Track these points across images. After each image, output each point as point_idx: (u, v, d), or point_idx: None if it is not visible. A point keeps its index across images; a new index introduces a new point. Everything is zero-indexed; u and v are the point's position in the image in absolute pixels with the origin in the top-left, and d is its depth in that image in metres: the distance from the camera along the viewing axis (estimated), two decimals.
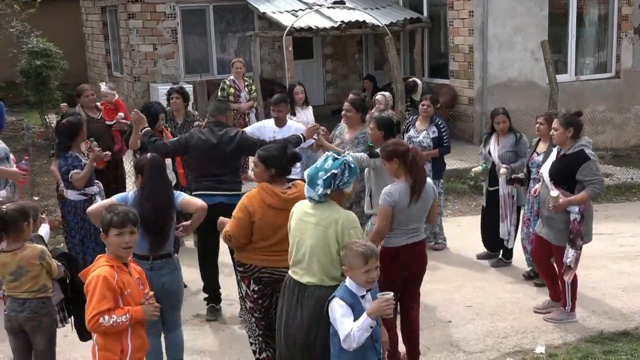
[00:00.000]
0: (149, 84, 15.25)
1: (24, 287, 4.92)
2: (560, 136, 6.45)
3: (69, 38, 18.05)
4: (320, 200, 4.45)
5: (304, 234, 4.46)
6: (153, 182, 5.21)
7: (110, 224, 4.20)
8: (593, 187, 6.31)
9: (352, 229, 4.41)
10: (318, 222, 4.42)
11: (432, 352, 6.07)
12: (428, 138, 8.32)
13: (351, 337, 3.99)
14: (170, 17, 15.42)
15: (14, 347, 5.09)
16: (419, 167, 5.40)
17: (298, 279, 4.48)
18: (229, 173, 6.59)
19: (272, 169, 5.13)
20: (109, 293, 4.07)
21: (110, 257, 4.24)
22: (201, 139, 6.59)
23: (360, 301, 4.12)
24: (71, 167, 6.90)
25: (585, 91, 13.93)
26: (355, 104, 7.46)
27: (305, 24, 13.77)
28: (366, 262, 4.06)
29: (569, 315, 6.65)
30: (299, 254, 4.48)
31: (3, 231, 4.92)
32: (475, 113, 13.36)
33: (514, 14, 13.26)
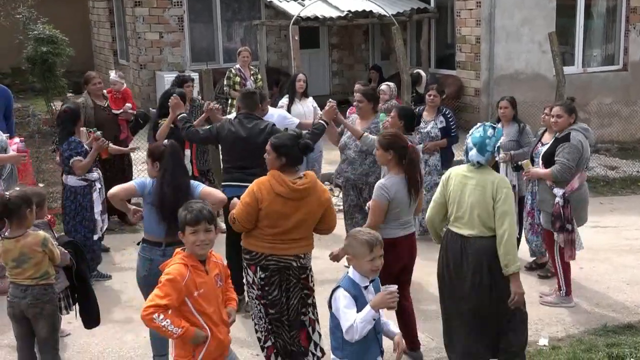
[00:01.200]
0: (155, 72, 15.23)
1: (27, 274, 4.94)
2: (564, 123, 6.64)
3: (75, 25, 18.02)
4: (483, 164, 4.99)
5: (464, 193, 5.03)
6: (173, 167, 5.21)
7: (185, 222, 4.15)
8: (556, 167, 6.49)
9: (504, 188, 4.97)
10: (477, 183, 4.99)
11: (435, 343, 6.07)
12: (436, 128, 8.34)
13: (354, 329, 3.97)
14: (177, 5, 15.39)
15: (17, 334, 5.12)
16: (415, 165, 5.43)
17: (460, 232, 5.04)
18: (258, 166, 6.50)
19: (282, 158, 5.13)
20: (173, 293, 4.02)
21: (188, 254, 4.18)
22: (231, 131, 6.57)
23: (363, 292, 4.10)
24: (74, 153, 6.92)
25: (592, 83, 13.87)
26: (367, 94, 7.43)
27: (311, 13, 13.74)
28: (371, 250, 4.05)
29: (564, 300, 6.73)
30: (460, 211, 5.05)
31: (6, 218, 4.94)
32: (482, 104, 13.33)
33: (522, 5, 13.20)
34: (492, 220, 4.92)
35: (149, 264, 5.19)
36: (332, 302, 4.12)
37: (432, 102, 8.44)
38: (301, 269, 5.24)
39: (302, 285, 5.28)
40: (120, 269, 7.75)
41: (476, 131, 5.08)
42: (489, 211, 4.93)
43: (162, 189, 5.13)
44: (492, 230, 4.94)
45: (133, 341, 6.17)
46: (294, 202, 5.02)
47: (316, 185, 5.15)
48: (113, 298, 6.99)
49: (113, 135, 8.38)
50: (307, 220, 5.14)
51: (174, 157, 5.26)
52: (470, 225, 5.00)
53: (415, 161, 5.48)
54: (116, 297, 7.05)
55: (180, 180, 5.19)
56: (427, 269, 7.73)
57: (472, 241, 5.00)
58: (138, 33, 15.25)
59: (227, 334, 4.31)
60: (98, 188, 7.24)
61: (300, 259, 5.21)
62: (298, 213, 5.07)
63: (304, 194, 5.06)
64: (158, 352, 5.45)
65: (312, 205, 5.11)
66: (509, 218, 4.89)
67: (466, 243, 5.03)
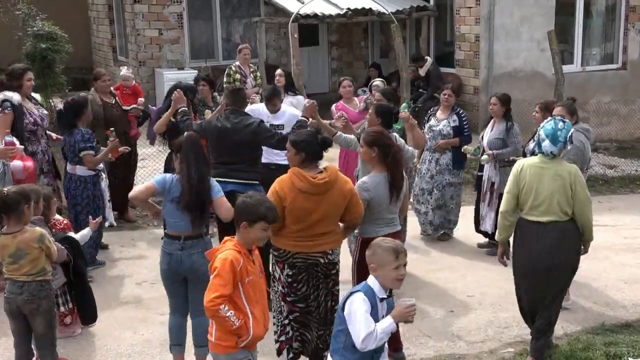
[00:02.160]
0: (154, 69, 15.22)
1: (23, 270, 4.94)
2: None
3: (75, 22, 17.97)
4: (556, 155, 5.33)
5: (542, 183, 5.34)
6: (195, 158, 5.20)
7: (264, 218, 4.22)
8: None
9: (579, 177, 5.39)
10: (555, 172, 5.33)
11: (433, 342, 6.08)
12: (448, 126, 8.33)
13: (373, 337, 3.87)
14: (176, 2, 15.37)
15: (14, 330, 5.12)
16: (399, 164, 5.42)
17: (537, 219, 5.37)
18: (244, 162, 6.54)
19: (302, 153, 5.16)
20: (231, 277, 4.08)
21: (240, 243, 4.24)
22: (216, 126, 6.61)
23: (378, 304, 4.01)
24: (88, 147, 7.02)
25: (591, 82, 13.87)
26: (387, 94, 7.48)
27: (311, 11, 13.73)
28: (397, 257, 3.99)
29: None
30: (538, 199, 5.36)
31: (4, 213, 4.94)
32: (481, 102, 13.32)
33: (521, 4, 13.20)
34: (569, 207, 5.34)
35: (168, 257, 5.23)
36: (347, 305, 3.99)
37: (446, 102, 8.41)
38: (330, 265, 5.27)
39: (332, 281, 5.31)
40: (118, 266, 7.75)
41: (547, 124, 5.39)
42: (567, 198, 5.32)
43: (188, 180, 5.13)
44: (567, 215, 5.37)
45: (131, 338, 6.17)
46: (316, 196, 5.04)
47: (337, 178, 5.17)
48: (111, 294, 6.99)
49: (122, 132, 8.37)
50: (331, 213, 5.16)
51: (194, 149, 5.26)
52: (549, 212, 5.35)
53: (399, 160, 5.45)
54: (114, 293, 7.05)
55: (202, 171, 5.20)
56: (427, 266, 7.76)
57: (550, 226, 5.36)
58: (137, 30, 15.23)
59: (266, 324, 4.35)
60: (104, 177, 7.34)
61: (327, 255, 5.22)
62: (321, 207, 5.09)
63: (325, 188, 5.08)
64: (177, 342, 5.46)
65: (335, 198, 5.12)
66: (589, 203, 5.41)
67: (544, 228, 5.37)
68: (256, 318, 4.25)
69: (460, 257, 8.12)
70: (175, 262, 5.21)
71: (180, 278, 5.28)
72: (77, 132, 7.07)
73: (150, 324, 6.40)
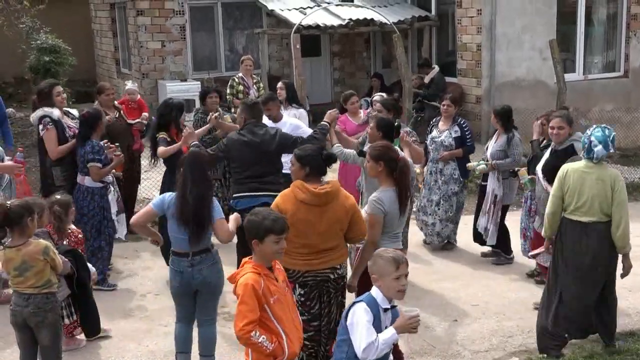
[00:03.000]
0: (157, 80, 15.27)
1: (28, 283, 4.95)
2: (566, 134, 6.60)
3: (78, 34, 18.05)
4: (602, 160, 5.70)
5: (584, 186, 5.70)
6: (193, 175, 5.24)
7: (271, 230, 4.13)
8: None
9: (620, 181, 5.74)
10: (598, 177, 5.69)
11: (437, 351, 6.07)
12: (450, 137, 8.30)
13: (374, 348, 3.87)
14: (179, 14, 15.44)
15: (20, 342, 5.13)
16: (406, 178, 5.40)
17: (579, 219, 5.73)
18: (272, 173, 6.61)
19: (306, 168, 5.20)
20: (255, 301, 4.02)
21: (257, 263, 4.17)
22: (243, 142, 6.60)
23: (381, 315, 4.01)
24: (96, 158, 7.05)
25: (594, 90, 13.89)
26: (387, 105, 7.50)
27: (313, 22, 13.78)
28: (397, 267, 4.00)
29: None
30: (581, 201, 5.71)
31: (7, 227, 4.96)
32: (483, 112, 13.33)
33: (523, 13, 13.23)
34: (610, 208, 5.67)
35: (180, 275, 5.26)
36: (350, 316, 4.00)
37: (446, 112, 8.40)
38: (340, 279, 5.29)
39: (341, 294, 5.33)
40: (122, 278, 7.76)
41: (596, 132, 5.72)
42: (608, 201, 5.66)
43: (181, 199, 5.18)
44: (608, 216, 5.70)
45: (136, 349, 6.18)
46: (317, 208, 5.05)
47: (339, 192, 5.19)
48: (115, 307, 7.00)
49: (126, 145, 8.39)
50: (334, 227, 5.16)
51: (192, 167, 5.28)
52: (591, 213, 5.70)
53: (406, 173, 5.42)
54: (119, 306, 7.05)
55: (200, 188, 5.20)
56: (430, 275, 7.76)
57: (592, 226, 5.71)
58: (140, 42, 15.30)
59: (300, 339, 4.31)
60: (113, 189, 7.34)
61: (336, 270, 5.23)
62: (324, 220, 5.09)
63: (326, 199, 5.09)
64: (183, 349, 5.48)
65: (337, 211, 5.13)
66: (625, 206, 5.71)
67: (586, 228, 5.73)
68: (289, 336, 4.17)
69: (464, 266, 8.11)
70: (186, 280, 5.25)
71: (191, 292, 5.34)
72: (89, 144, 7.10)
73: (154, 336, 6.41)
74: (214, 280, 5.29)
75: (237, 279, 4.16)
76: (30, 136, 12.99)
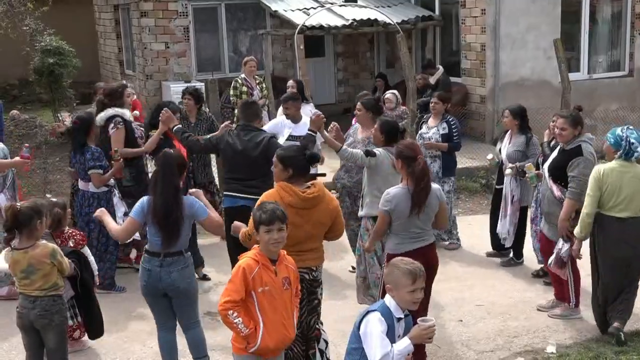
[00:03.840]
0: (161, 82, 15.30)
1: (35, 285, 4.95)
2: (569, 136, 6.54)
3: (82, 36, 18.11)
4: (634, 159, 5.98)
5: (623, 183, 5.95)
6: (163, 178, 5.20)
7: (260, 221, 4.35)
8: (570, 188, 6.39)
9: None
10: (634, 174, 5.99)
11: (442, 352, 6.06)
12: (437, 134, 8.38)
13: (390, 358, 3.82)
14: (183, 15, 15.46)
15: (26, 344, 5.13)
16: (420, 177, 5.38)
17: (617, 215, 5.99)
18: (257, 178, 6.54)
19: (289, 169, 5.14)
20: (243, 284, 4.25)
21: (261, 252, 4.39)
22: (229, 143, 6.65)
23: (395, 324, 3.96)
24: (97, 165, 7.04)
25: (598, 90, 13.85)
26: (366, 104, 7.43)
27: (316, 22, 13.78)
28: (414, 281, 3.93)
29: (573, 312, 6.66)
30: (620, 198, 5.96)
31: (16, 229, 4.94)
32: (487, 111, 13.32)
33: (527, 12, 13.21)
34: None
35: (147, 274, 5.22)
36: (363, 324, 3.94)
37: (433, 109, 8.52)
38: (314, 282, 5.23)
39: (317, 300, 5.28)
40: (125, 279, 7.75)
41: (629, 133, 6.03)
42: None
43: (152, 200, 5.16)
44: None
45: (140, 351, 6.18)
46: (304, 211, 5.03)
47: (325, 194, 5.17)
48: (119, 308, 7.00)
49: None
50: (317, 230, 5.15)
51: (164, 168, 5.25)
52: (630, 209, 5.97)
53: (420, 173, 5.40)
54: (123, 307, 7.06)
55: (168, 191, 5.14)
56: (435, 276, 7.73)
57: (629, 221, 5.98)
58: (144, 44, 15.32)
59: (284, 338, 4.44)
60: (116, 192, 7.34)
61: (312, 272, 5.19)
62: (309, 223, 5.08)
63: (314, 203, 5.08)
64: (200, 354, 5.46)
65: (322, 214, 5.12)
66: None
67: (622, 223, 5.98)
68: (267, 328, 4.30)
69: (468, 267, 8.10)
70: (153, 279, 5.19)
71: (160, 294, 5.26)
72: (87, 150, 7.08)
73: None
74: (183, 285, 5.20)
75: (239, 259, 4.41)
76: (35, 138, 13.01)
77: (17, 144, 8.69)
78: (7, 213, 4.95)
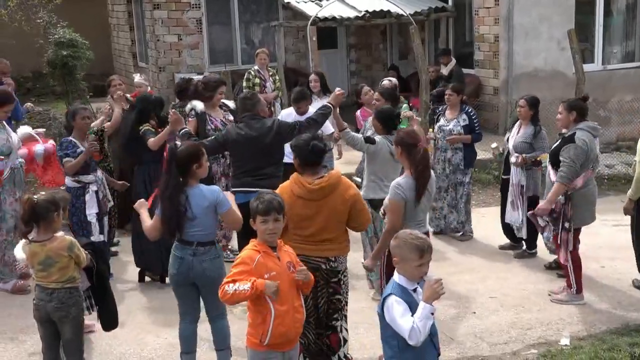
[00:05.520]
0: (174, 74, 15.31)
1: (52, 278, 4.98)
2: (564, 120, 6.72)
3: (95, 29, 18.15)
4: None
5: None
6: (168, 174, 5.25)
7: (257, 212, 4.46)
8: (561, 171, 6.53)
9: None
10: None
11: (455, 343, 6.07)
12: (459, 126, 8.39)
13: (416, 330, 3.87)
14: (195, 7, 15.47)
15: (42, 336, 5.17)
16: (421, 164, 5.41)
17: None
18: (271, 165, 6.58)
19: (297, 159, 5.22)
20: (243, 273, 4.32)
21: (259, 242, 4.48)
22: (240, 134, 6.58)
23: (413, 295, 4.03)
24: (63, 154, 6.96)
25: (613, 80, 13.75)
26: (384, 94, 7.58)
27: (329, 14, 13.76)
28: (421, 256, 3.99)
29: (575, 297, 6.72)
30: None
31: (34, 221, 4.97)
32: (500, 103, 13.27)
33: (540, 3, 13.13)
34: None
35: (179, 262, 5.27)
36: (385, 312, 4.02)
37: (448, 101, 8.53)
38: (331, 272, 5.24)
39: (331, 289, 5.28)
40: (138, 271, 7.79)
41: None
42: None
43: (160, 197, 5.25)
44: None
45: (154, 342, 6.21)
46: (314, 202, 5.04)
47: (338, 184, 5.16)
48: (133, 300, 7.05)
49: None
50: (332, 219, 5.15)
51: (169, 164, 5.29)
52: None
53: (421, 160, 5.43)
54: (136, 299, 7.10)
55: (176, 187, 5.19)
56: (448, 268, 7.74)
57: None
58: (157, 36, 15.34)
59: (296, 321, 4.48)
60: (93, 190, 7.10)
61: (330, 262, 5.20)
62: (321, 213, 5.09)
63: (321, 194, 5.08)
64: (187, 349, 5.48)
65: (335, 204, 5.11)
66: None
67: None
68: (280, 315, 4.36)
69: (481, 259, 8.09)
70: (185, 267, 5.24)
71: (189, 283, 5.31)
72: (63, 141, 7.04)
73: (173, 328, 6.39)
74: (214, 274, 5.24)
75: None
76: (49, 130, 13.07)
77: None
78: (25, 205, 4.97)
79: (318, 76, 9.61)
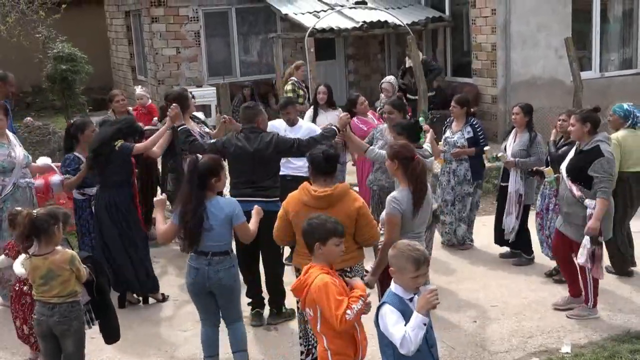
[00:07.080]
0: (173, 87, 15.31)
1: (54, 292, 4.98)
2: (578, 132, 6.57)
3: (94, 43, 18.22)
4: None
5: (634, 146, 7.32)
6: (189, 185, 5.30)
7: (334, 233, 4.31)
8: (601, 187, 6.37)
9: None
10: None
11: (456, 352, 6.06)
12: (463, 138, 8.34)
13: (407, 339, 3.87)
14: (193, 20, 15.53)
15: (44, 351, 5.17)
16: (418, 177, 5.39)
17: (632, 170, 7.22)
18: (268, 178, 6.57)
19: (310, 167, 5.33)
20: (340, 294, 4.14)
21: (321, 265, 4.30)
22: (238, 146, 6.57)
23: (409, 305, 4.03)
24: (64, 171, 7.01)
25: (611, 88, 13.79)
26: (396, 106, 7.61)
27: (327, 25, 13.81)
28: (417, 268, 3.99)
29: (591, 312, 6.63)
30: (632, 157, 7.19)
31: (34, 235, 4.98)
32: (499, 111, 13.30)
33: (537, 11, 13.18)
34: None
35: (195, 272, 5.33)
36: (380, 321, 4.03)
37: (453, 113, 8.50)
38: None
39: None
40: None
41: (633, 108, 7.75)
42: None
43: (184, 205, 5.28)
44: None
45: (155, 355, 6.21)
46: (320, 210, 5.04)
47: (344, 196, 5.19)
48: (135, 313, 7.04)
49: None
50: None
51: (190, 174, 5.32)
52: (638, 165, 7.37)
53: (419, 173, 5.40)
54: (138, 312, 7.09)
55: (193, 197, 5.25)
56: (448, 277, 7.74)
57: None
58: (155, 49, 15.40)
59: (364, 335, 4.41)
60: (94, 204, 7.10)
61: (346, 273, 5.16)
62: None
63: (326, 202, 5.11)
64: (210, 353, 5.55)
65: (340, 216, 5.07)
66: None
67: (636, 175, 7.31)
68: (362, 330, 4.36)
69: (482, 267, 8.09)
70: (201, 277, 5.31)
71: (206, 291, 5.39)
72: (67, 158, 7.07)
73: (174, 341, 6.44)
74: (229, 283, 5.35)
75: (307, 283, 4.23)
76: (48, 145, 13.10)
77: (30, 151, 8.71)
78: (24, 220, 4.98)
79: (327, 88, 9.54)
